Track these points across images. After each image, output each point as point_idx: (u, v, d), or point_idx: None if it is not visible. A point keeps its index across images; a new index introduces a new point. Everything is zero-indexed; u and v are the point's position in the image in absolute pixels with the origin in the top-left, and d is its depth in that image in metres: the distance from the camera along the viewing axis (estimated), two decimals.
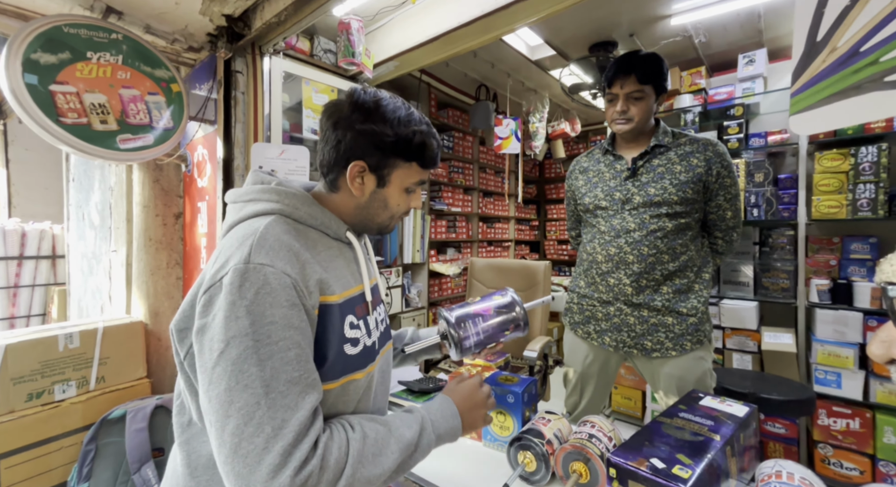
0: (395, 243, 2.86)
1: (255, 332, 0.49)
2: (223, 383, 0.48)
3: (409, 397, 1.20)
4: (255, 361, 0.49)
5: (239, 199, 0.66)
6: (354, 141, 0.64)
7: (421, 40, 1.55)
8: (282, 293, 0.52)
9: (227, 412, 0.48)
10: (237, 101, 1.55)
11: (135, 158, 1.41)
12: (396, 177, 0.68)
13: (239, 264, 0.52)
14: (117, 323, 1.51)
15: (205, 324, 0.51)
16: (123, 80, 1.35)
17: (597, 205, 1.25)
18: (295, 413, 0.49)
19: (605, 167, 1.27)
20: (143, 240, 1.78)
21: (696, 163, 1.15)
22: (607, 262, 1.22)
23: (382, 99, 0.66)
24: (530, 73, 3.01)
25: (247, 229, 0.57)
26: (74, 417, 1.37)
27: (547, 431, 0.83)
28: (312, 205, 0.65)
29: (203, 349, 0.50)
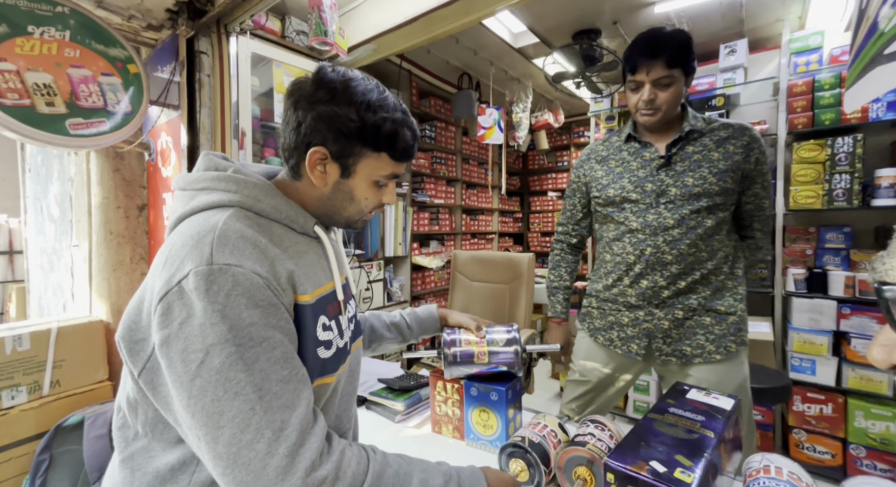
0: (377, 236, 2.79)
1: (235, 336, 0.46)
2: (208, 394, 0.45)
3: (389, 395, 1.15)
4: (242, 366, 0.46)
5: (189, 186, 0.58)
6: (315, 124, 0.57)
7: (399, 21, 1.48)
8: (256, 293, 0.48)
9: (219, 424, 0.45)
10: (202, 84, 1.45)
11: (89, 145, 1.30)
12: (363, 168, 0.62)
13: (201, 267, 0.47)
14: (74, 323, 1.41)
15: (168, 335, 0.46)
16: (72, 58, 1.23)
17: (625, 197, 1.10)
18: (294, 412, 0.47)
19: (630, 156, 1.12)
20: (103, 234, 1.67)
21: (734, 149, 1.03)
22: (642, 263, 1.08)
23: (352, 79, 0.58)
24: (513, 61, 2.95)
25: (202, 225, 0.51)
26: (25, 425, 1.27)
27: (554, 456, 0.76)
28: (276, 196, 0.59)
29: (174, 362, 0.46)
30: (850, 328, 1.80)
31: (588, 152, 1.23)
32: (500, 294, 2.18)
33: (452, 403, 0.98)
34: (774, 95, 2.16)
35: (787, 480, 0.62)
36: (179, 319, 0.46)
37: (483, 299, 2.22)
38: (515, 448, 0.77)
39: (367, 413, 1.11)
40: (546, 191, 4.85)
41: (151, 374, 0.50)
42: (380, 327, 0.95)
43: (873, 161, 1.92)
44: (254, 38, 1.54)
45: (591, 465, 0.72)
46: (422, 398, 1.16)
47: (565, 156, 4.70)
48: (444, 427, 1.00)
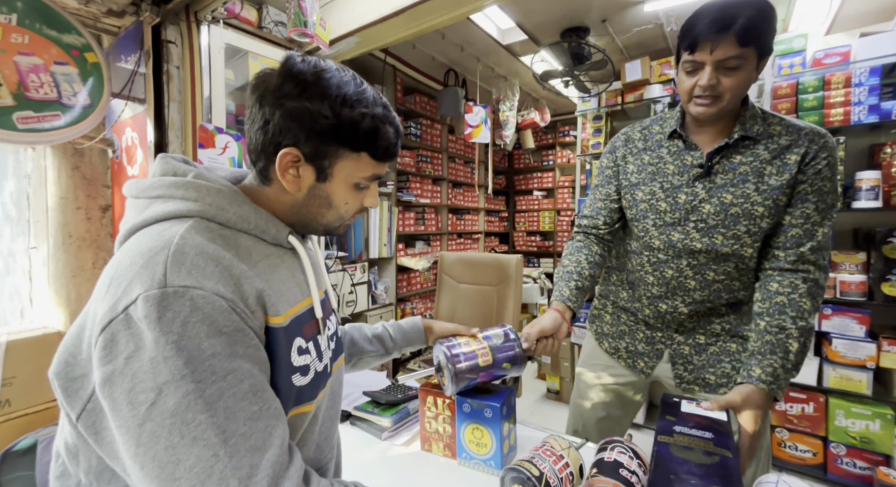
0: (360, 237, 2.71)
1: (193, 371, 0.39)
2: (161, 441, 0.39)
3: (375, 410, 1.08)
4: (202, 406, 0.39)
5: (143, 194, 0.51)
6: (284, 122, 0.50)
7: (384, 13, 1.40)
8: (219, 318, 0.42)
9: (174, 475, 0.38)
10: (170, 76, 1.34)
11: (41, 141, 1.18)
12: (341, 170, 0.55)
13: (152, 290, 0.40)
14: (25, 336, 1.29)
15: (112, 372, 0.39)
16: (20, 44, 1.11)
17: (652, 205, 0.92)
18: (265, 454, 0.42)
19: (670, 156, 0.92)
20: (61, 237, 1.54)
21: (794, 160, 0.80)
22: (660, 285, 0.94)
23: (325, 70, 0.52)
24: (500, 58, 2.90)
25: (154, 240, 0.44)
26: None
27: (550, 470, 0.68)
28: (242, 204, 0.52)
29: (118, 405, 0.39)
30: (832, 329, 1.83)
31: (624, 139, 1.02)
32: (488, 296, 2.14)
33: (443, 419, 0.92)
34: (759, 96, 2.18)
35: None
36: (125, 353, 0.39)
37: (470, 302, 2.17)
38: (527, 479, 0.68)
39: (352, 430, 1.05)
40: (532, 190, 4.84)
41: (93, 417, 0.43)
42: (360, 339, 0.89)
43: (854, 164, 1.95)
44: (227, 28, 1.43)
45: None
46: (410, 413, 1.10)
47: (551, 155, 4.70)
48: (435, 445, 0.95)
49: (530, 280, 3.88)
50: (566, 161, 4.54)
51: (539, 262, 4.77)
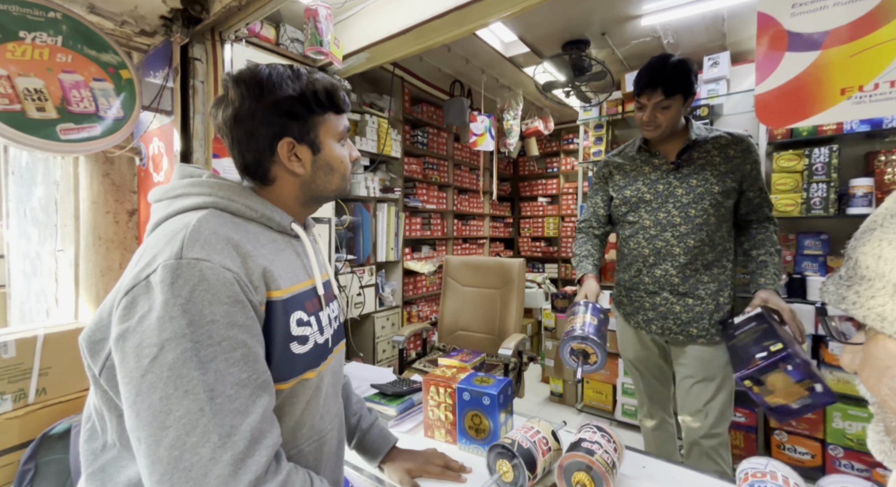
0: (369, 242, 2.80)
1: (193, 332, 0.44)
2: (157, 391, 0.43)
3: (381, 401, 1.16)
4: (196, 364, 0.44)
5: (165, 196, 0.59)
6: (267, 120, 0.58)
7: (393, 31, 1.50)
8: (222, 290, 0.47)
9: (164, 424, 0.42)
10: (196, 90, 1.45)
11: (79, 150, 1.29)
12: (324, 135, 0.63)
13: (169, 260, 0.46)
14: (61, 329, 1.38)
15: (126, 329, 0.45)
16: (64, 63, 1.22)
17: (640, 198, 1.27)
18: (245, 419, 0.45)
19: (643, 163, 1.30)
20: (92, 239, 1.65)
21: (733, 154, 1.19)
22: (654, 255, 1.26)
23: (260, 70, 0.60)
24: (504, 69, 3.00)
25: (176, 224, 0.52)
26: (10, 434, 1.24)
27: (541, 463, 0.78)
28: (250, 196, 0.59)
29: (127, 357, 0.44)
30: None
31: (606, 160, 1.40)
32: (492, 299, 2.21)
33: (445, 407, 0.99)
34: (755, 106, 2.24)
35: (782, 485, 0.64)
36: (141, 312, 0.45)
37: (474, 304, 2.24)
38: (504, 449, 0.79)
39: None
40: (536, 196, 4.91)
41: (112, 371, 0.48)
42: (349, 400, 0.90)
43: (848, 171, 1.99)
44: (248, 46, 1.55)
45: (590, 471, 0.74)
46: (414, 403, 1.17)
47: (555, 162, 4.77)
48: (437, 432, 1.02)
49: (534, 285, 3.93)
50: (570, 168, 4.61)
51: (544, 267, 4.82)
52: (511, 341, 1.86)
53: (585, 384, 2.63)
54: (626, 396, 2.42)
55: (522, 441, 0.80)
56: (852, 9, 0.90)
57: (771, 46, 1.00)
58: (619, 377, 2.44)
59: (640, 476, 0.84)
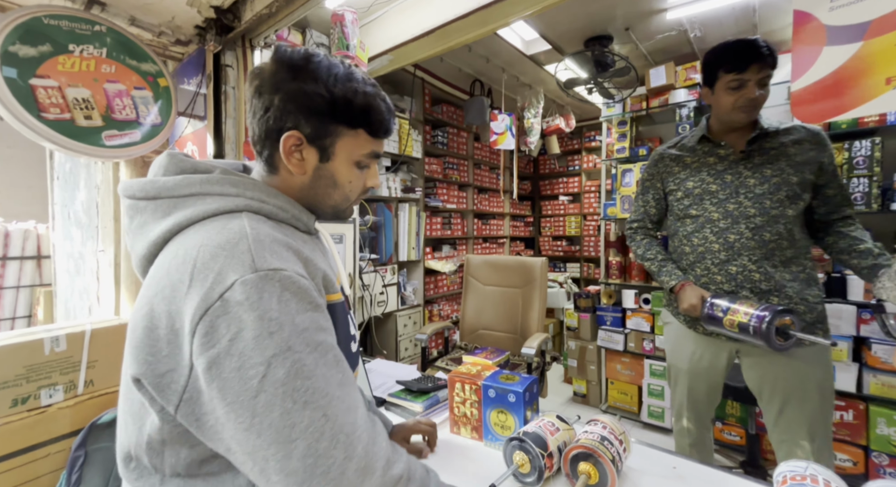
0: (391, 241, 2.84)
1: (294, 344, 0.44)
2: (276, 409, 0.42)
3: (407, 396, 1.18)
4: (306, 374, 0.43)
5: (166, 193, 0.52)
6: (283, 105, 0.53)
7: (416, 34, 1.52)
8: (304, 297, 0.47)
9: (291, 437, 0.42)
10: (227, 96, 1.51)
11: (121, 155, 1.36)
12: (342, 148, 0.57)
13: (247, 275, 0.44)
14: (106, 325, 1.47)
15: (217, 355, 0.42)
16: (108, 74, 1.30)
17: (705, 189, 1.17)
18: (357, 413, 0.46)
19: (706, 154, 1.20)
20: None
21: (809, 147, 1.10)
22: (726, 250, 1.15)
23: (314, 55, 0.55)
24: (525, 68, 2.98)
25: (224, 233, 0.47)
26: (62, 422, 1.32)
27: (552, 442, 0.81)
28: (277, 195, 0.56)
29: (229, 384, 0.42)
30: (871, 334, 1.77)
31: (660, 153, 1.29)
32: (513, 298, 2.20)
33: (471, 404, 1.00)
34: (789, 98, 2.15)
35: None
36: (228, 335, 0.42)
37: (495, 304, 2.24)
38: (515, 440, 0.81)
39: (387, 414, 1.14)
40: (557, 195, 4.85)
41: (191, 405, 0.45)
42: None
43: (892, 165, 1.89)
44: None
45: (594, 461, 0.75)
46: (440, 400, 1.18)
47: (576, 160, 4.71)
48: (463, 428, 1.03)
49: (556, 285, 3.89)
50: (592, 166, 4.54)
51: (566, 266, 4.76)
52: (534, 340, 1.85)
53: (610, 385, 2.59)
54: (652, 397, 2.37)
55: (528, 428, 0.84)
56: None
57: (808, 42, 0.97)
58: (646, 378, 2.39)
59: (671, 476, 0.83)
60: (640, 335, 2.41)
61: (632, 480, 0.81)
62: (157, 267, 0.49)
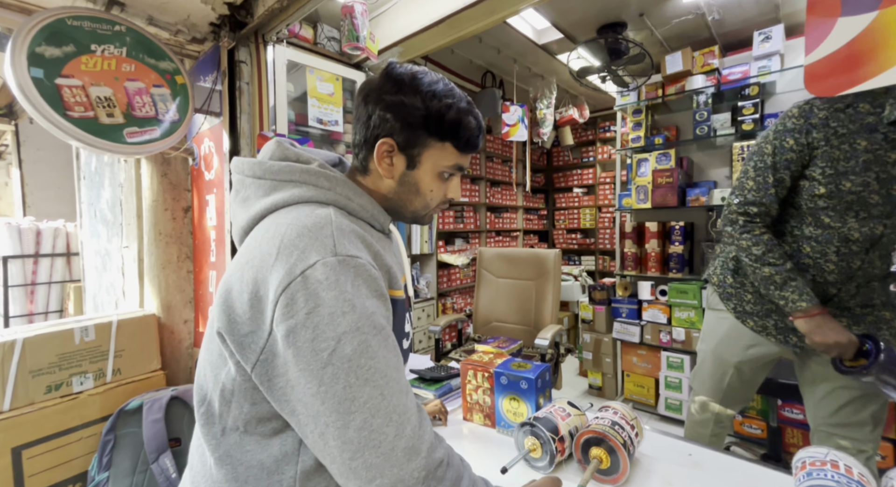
0: (403, 234, 2.85)
1: (363, 325, 0.48)
2: (340, 381, 0.46)
3: (420, 385, 1.19)
4: (370, 354, 0.47)
5: (270, 175, 0.59)
6: (383, 115, 0.59)
7: (425, 24, 1.52)
8: (373, 285, 0.51)
9: (350, 409, 0.46)
10: (242, 91, 1.54)
11: (142, 152, 1.40)
12: (428, 158, 0.62)
13: (328, 257, 0.48)
14: (131, 316, 1.53)
15: (295, 325, 0.46)
16: (128, 72, 1.34)
17: (862, 197, 0.86)
18: (409, 397, 0.50)
19: (887, 143, 0.85)
20: (153, 234, 1.80)
21: None
22: (840, 273, 0.93)
23: (419, 72, 0.61)
24: (537, 58, 2.94)
25: (311, 217, 0.52)
26: (93, 408, 1.39)
27: (563, 426, 0.81)
28: (362, 195, 0.61)
29: (302, 352, 0.46)
30: None
31: (824, 117, 0.90)
32: (526, 291, 2.19)
33: (483, 391, 1.01)
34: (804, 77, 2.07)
35: (858, 482, 0.60)
36: (306, 309, 0.46)
37: (509, 296, 2.24)
38: (526, 425, 0.82)
39: None
40: (571, 187, 4.79)
41: (266, 366, 0.49)
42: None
43: None
44: (289, 46, 1.62)
45: (606, 446, 0.75)
46: (452, 388, 1.19)
47: (591, 151, 4.64)
48: (476, 415, 1.03)
49: (571, 278, 3.86)
50: (607, 157, 4.46)
51: (580, 260, 4.71)
52: (548, 331, 1.84)
53: (626, 377, 2.56)
54: (669, 390, 2.33)
55: (539, 413, 0.84)
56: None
57: (822, 13, 0.93)
58: (663, 370, 2.36)
59: (687, 463, 0.82)
60: (657, 327, 2.37)
61: (645, 466, 0.81)
62: (251, 238, 0.55)
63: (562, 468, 0.81)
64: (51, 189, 3.71)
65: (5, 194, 4.36)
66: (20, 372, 1.27)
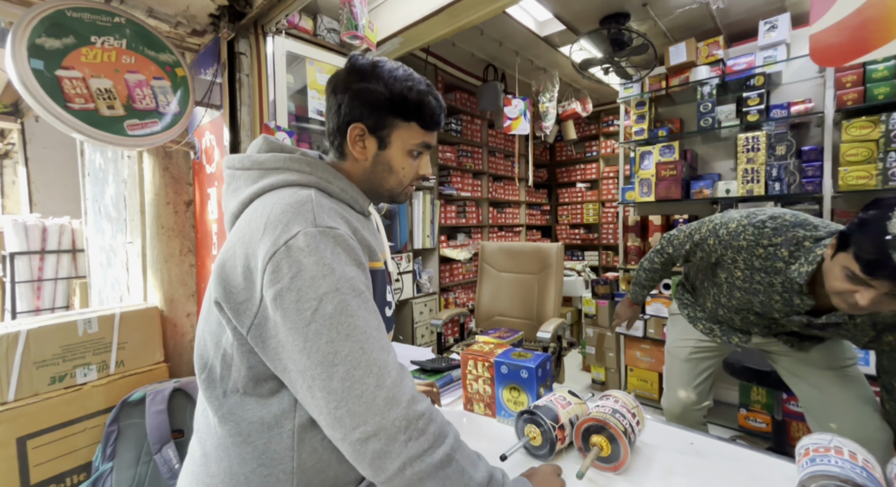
0: (405, 229, 2.85)
1: (342, 287, 0.52)
2: (323, 337, 0.50)
3: (422, 375, 1.19)
4: (350, 312, 0.51)
5: (257, 166, 0.64)
6: (351, 102, 0.64)
7: (425, 13, 1.51)
8: (352, 253, 0.56)
9: (333, 362, 0.50)
10: (242, 83, 1.54)
11: (143, 144, 1.41)
12: (397, 138, 0.67)
13: (309, 228, 0.53)
14: (134, 309, 1.54)
15: (281, 289, 0.51)
16: (128, 64, 1.34)
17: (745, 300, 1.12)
18: (389, 354, 0.53)
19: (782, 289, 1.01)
20: (155, 228, 1.80)
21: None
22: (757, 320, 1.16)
23: (380, 61, 0.66)
24: (539, 50, 2.92)
25: (294, 196, 0.57)
26: (96, 399, 1.40)
27: (563, 415, 0.80)
28: (341, 179, 0.66)
29: (288, 313, 0.51)
30: None
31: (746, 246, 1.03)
32: (529, 285, 2.18)
33: (483, 381, 1.00)
34: (821, 71, 2.04)
35: (862, 467, 0.59)
36: (290, 274, 0.51)
37: (511, 290, 2.23)
38: (526, 414, 0.81)
39: None
40: (574, 182, 4.77)
41: (259, 329, 0.54)
42: None
43: None
44: (288, 38, 1.61)
45: (606, 433, 0.74)
46: (453, 379, 1.19)
47: (594, 146, 4.60)
48: (476, 405, 1.03)
49: (574, 273, 3.84)
50: (610, 151, 4.43)
51: (583, 255, 4.68)
52: (550, 324, 1.84)
53: (629, 372, 2.55)
54: None
55: (540, 402, 0.84)
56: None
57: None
58: None
59: (689, 451, 0.81)
60: (661, 321, 2.35)
61: (646, 454, 0.80)
62: (242, 219, 0.60)
63: (562, 456, 0.81)
64: (56, 187, 3.74)
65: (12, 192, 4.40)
66: (24, 363, 1.29)
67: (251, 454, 0.57)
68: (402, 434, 0.49)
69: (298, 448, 0.57)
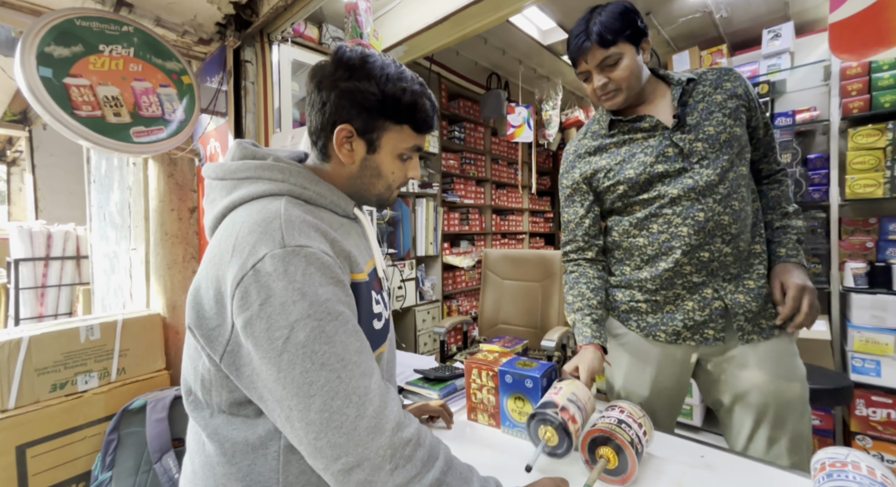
0: (409, 236, 2.84)
1: (315, 312, 0.48)
2: (297, 367, 0.47)
3: (425, 385, 1.17)
4: (325, 339, 0.48)
5: (229, 175, 0.60)
6: (339, 101, 0.59)
7: (429, 22, 1.52)
8: (326, 272, 0.51)
9: (310, 393, 0.47)
10: (247, 91, 1.55)
11: (149, 151, 1.41)
12: (387, 141, 0.63)
13: (276, 250, 0.49)
14: (136, 316, 1.53)
15: (250, 317, 0.48)
16: (135, 72, 1.35)
17: (648, 170, 0.95)
18: (371, 379, 0.51)
19: (627, 134, 1.00)
20: (159, 234, 1.81)
21: (731, 86, 0.95)
22: (697, 233, 0.92)
23: (370, 55, 0.60)
24: (542, 59, 2.94)
25: (263, 212, 0.53)
26: (97, 407, 1.39)
27: (559, 398, 0.79)
28: (319, 183, 0.61)
29: (259, 341, 0.48)
30: None
31: (573, 152, 1.09)
32: (532, 292, 2.17)
33: (488, 391, 0.99)
34: (826, 79, 2.03)
35: (882, 483, 0.57)
36: (259, 300, 0.48)
37: (515, 298, 2.21)
38: (532, 418, 0.80)
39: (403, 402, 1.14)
40: None
41: (233, 357, 0.52)
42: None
43: None
44: (294, 46, 1.63)
45: (613, 445, 0.72)
46: (457, 388, 1.17)
47: None
48: (480, 415, 1.01)
49: None
50: None
51: None
52: (554, 333, 1.82)
53: None
54: None
55: (556, 401, 0.81)
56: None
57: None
58: None
59: (699, 464, 0.79)
60: None
61: (655, 467, 0.78)
62: (215, 237, 0.57)
63: (571, 468, 0.79)
64: (62, 194, 3.77)
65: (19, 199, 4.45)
66: (26, 370, 1.28)
67: (235, 475, 0.54)
68: (387, 463, 0.47)
69: (284, 470, 0.54)
